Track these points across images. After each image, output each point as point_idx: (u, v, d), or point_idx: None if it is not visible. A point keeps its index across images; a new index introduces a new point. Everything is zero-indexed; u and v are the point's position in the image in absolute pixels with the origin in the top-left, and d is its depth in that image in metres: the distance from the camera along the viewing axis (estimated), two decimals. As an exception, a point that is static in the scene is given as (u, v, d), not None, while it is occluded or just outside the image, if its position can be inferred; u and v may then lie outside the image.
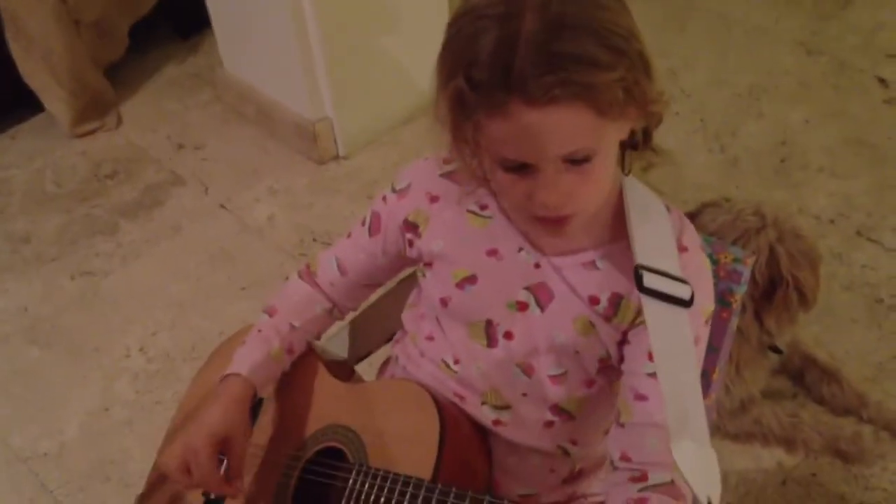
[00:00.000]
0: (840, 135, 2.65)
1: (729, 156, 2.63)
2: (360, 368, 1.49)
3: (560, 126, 0.92)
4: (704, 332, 1.13)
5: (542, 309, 1.14)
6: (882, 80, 2.81)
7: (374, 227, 1.24)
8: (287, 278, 1.37)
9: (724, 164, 2.61)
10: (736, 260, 1.30)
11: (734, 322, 1.33)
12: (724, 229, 1.75)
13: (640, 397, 1.09)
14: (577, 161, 0.96)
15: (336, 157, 2.79)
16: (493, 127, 0.94)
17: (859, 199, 2.45)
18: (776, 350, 1.91)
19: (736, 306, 1.31)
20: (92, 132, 2.98)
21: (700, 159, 2.62)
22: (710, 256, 1.19)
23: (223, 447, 1.18)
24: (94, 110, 2.99)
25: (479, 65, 0.91)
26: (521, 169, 0.97)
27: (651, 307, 1.06)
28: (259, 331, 1.29)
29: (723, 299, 1.28)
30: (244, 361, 1.25)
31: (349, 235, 1.29)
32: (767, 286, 1.77)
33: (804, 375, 2.03)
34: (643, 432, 1.09)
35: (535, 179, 0.97)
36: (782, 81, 2.87)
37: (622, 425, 1.11)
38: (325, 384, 1.30)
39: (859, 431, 1.91)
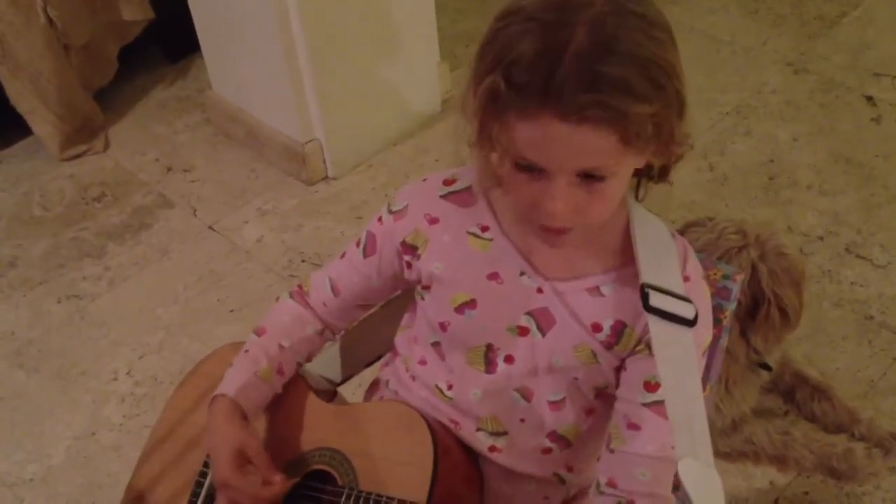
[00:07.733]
0: (828, 153, 2.66)
1: (717, 174, 2.64)
2: (349, 391, 1.48)
3: (583, 144, 0.92)
4: (701, 364, 1.12)
5: (544, 334, 1.12)
6: (869, 99, 2.83)
7: (368, 249, 1.22)
8: (277, 299, 1.35)
9: (712, 182, 2.62)
10: (725, 276, 1.30)
11: (724, 339, 1.33)
12: (706, 248, 1.75)
13: (633, 426, 1.09)
14: (590, 178, 0.96)
15: (325, 179, 2.79)
16: (519, 128, 0.93)
17: (848, 216, 2.46)
18: (765, 367, 1.90)
19: (726, 323, 1.30)
20: (80, 155, 2.97)
21: (688, 178, 2.62)
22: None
23: (244, 459, 1.17)
24: (82, 134, 2.98)
25: (520, 66, 0.90)
26: (535, 171, 0.97)
27: (656, 327, 1.05)
28: (247, 351, 1.27)
29: (713, 316, 1.27)
30: (231, 382, 1.23)
31: (343, 255, 1.27)
32: (751, 304, 1.76)
33: (795, 393, 2.02)
34: (633, 461, 1.08)
35: (545, 185, 0.97)
36: (770, 100, 2.88)
37: (612, 451, 1.10)
38: (310, 406, 1.28)
39: (851, 449, 1.89)
